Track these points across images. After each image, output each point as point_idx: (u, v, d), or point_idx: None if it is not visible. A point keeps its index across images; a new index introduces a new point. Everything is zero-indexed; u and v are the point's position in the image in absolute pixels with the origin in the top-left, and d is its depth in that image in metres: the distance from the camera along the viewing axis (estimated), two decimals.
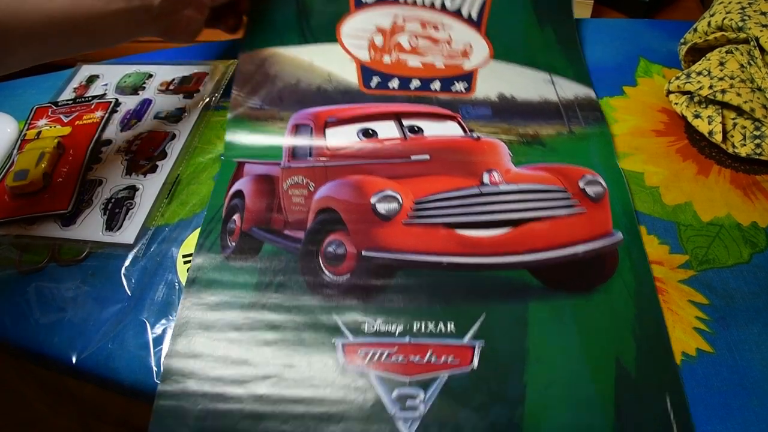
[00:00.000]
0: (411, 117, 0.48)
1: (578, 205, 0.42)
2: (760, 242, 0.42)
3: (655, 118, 0.51)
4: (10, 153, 0.51)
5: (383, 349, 0.37)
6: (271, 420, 0.34)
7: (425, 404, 0.34)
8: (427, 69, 0.51)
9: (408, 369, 0.36)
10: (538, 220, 0.41)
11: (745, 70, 0.46)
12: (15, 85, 0.59)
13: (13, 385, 0.55)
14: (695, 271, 0.40)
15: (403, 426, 0.34)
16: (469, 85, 0.50)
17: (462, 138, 0.47)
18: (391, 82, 0.50)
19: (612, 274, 0.40)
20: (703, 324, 0.38)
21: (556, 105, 0.50)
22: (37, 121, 0.53)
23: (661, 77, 0.54)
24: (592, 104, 0.50)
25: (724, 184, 0.45)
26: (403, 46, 0.50)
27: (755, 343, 0.37)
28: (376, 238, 0.41)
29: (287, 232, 0.44)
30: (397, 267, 0.40)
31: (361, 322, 0.38)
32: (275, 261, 0.42)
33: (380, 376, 0.35)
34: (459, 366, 0.36)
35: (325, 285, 0.40)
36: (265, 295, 0.40)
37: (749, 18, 0.46)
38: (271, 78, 0.51)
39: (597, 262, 0.41)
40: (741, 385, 0.35)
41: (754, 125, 0.45)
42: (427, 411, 0.34)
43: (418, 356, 0.36)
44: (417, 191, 0.42)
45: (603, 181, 0.44)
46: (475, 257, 0.40)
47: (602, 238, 0.41)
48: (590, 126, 0.49)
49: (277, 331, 0.38)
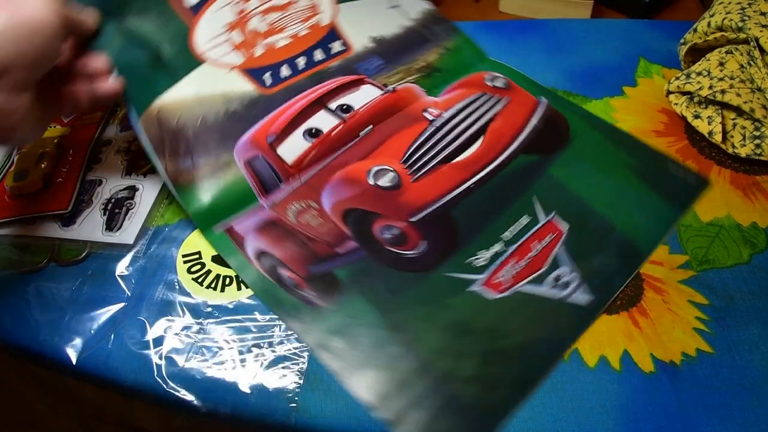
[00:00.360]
0: (332, 98, 0.47)
1: (502, 97, 0.49)
2: (760, 243, 0.42)
3: (655, 118, 0.51)
4: (9, 153, 0.51)
5: (508, 266, 0.40)
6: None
7: (573, 272, 0.40)
8: (298, 42, 0.48)
9: (536, 264, 0.40)
10: (491, 122, 0.47)
11: (745, 71, 0.46)
12: None
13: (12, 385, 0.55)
14: (695, 272, 0.40)
15: (579, 294, 0.39)
16: (344, 43, 0.50)
17: (384, 96, 0.48)
18: (281, 71, 0.47)
19: (568, 125, 0.49)
20: (702, 324, 0.38)
21: (418, 30, 0.53)
22: None
23: (660, 77, 0.54)
24: (436, 15, 0.55)
25: (723, 185, 0.45)
26: (260, 30, 0.48)
27: (755, 344, 0.37)
28: (407, 204, 0.43)
29: (338, 250, 0.42)
30: (443, 212, 0.43)
31: (471, 264, 0.40)
32: (360, 277, 0.40)
33: (527, 283, 0.40)
34: (559, 236, 0.42)
35: (414, 261, 0.41)
36: (385, 306, 0.39)
37: (749, 18, 0.46)
38: (179, 128, 0.44)
39: (552, 124, 0.49)
40: (741, 385, 0.35)
41: (754, 125, 0.45)
42: (579, 275, 0.40)
43: (531, 252, 0.41)
44: (392, 155, 0.45)
45: (498, 73, 0.52)
46: (485, 168, 0.45)
47: (537, 107, 0.49)
48: (452, 37, 0.55)
49: (426, 321, 0.38)
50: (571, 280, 0.39)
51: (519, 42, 0.59)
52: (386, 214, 0.42)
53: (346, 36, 0.50)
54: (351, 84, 0.49)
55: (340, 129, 0.46)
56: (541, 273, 0.40)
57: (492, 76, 0.51)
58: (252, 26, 0.47)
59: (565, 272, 0.40)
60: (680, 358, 0.36)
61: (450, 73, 0.52)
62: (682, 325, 0.38)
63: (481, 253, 0.41)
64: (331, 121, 0.46)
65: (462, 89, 0.51)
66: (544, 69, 0.56)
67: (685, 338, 0.37)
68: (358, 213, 0.43)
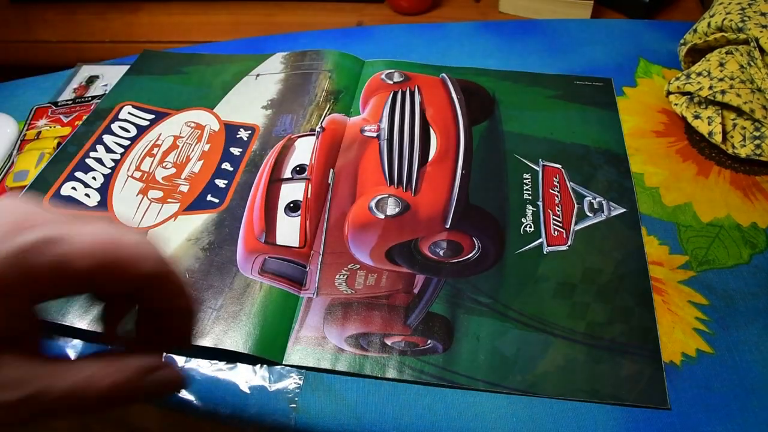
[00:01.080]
0: (280, 170, 0.47)
1: (412, 88, 0.54)
2: (760, 243, 0.42)
3: (654, 118, 0.51)
4: (10, 153, 0.51)
5: (551, 219, 0.43)
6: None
7: (595, 195, 0.45)
8: (209, 156, 0.49)
9: (567, 204, 0.44)
10: (425, 112, 0.51)
11: (745, 71, 0.46)
12: (15, 85, 0.59)
13: None
14: (695, 272, 0.40)
15: (613, 209, 0.44)
16: (246, 126, 0.51)
17: (320, 138, 0.49)
18: (218, 186, 0.46)
19: (481, 86, 0.55)
20: (702, 325, 0.38)
21: (295, 73, 0.56)
22: (37, 121, 0.53)
23: (660, 78, 0.54)
24: (296, 54, 0.58)
25: (723, 185, 0.45)
26: (171, 173, 0.47)
27: (755, 344, 0.37)
28: (430, 216, 0.44)
29: (415, 290, 0.40)
30: (465, 205, 0.44)
31: (525, 233, 0.43)
32: (456, 299, 0.39)
33: (575, 222, 0.43)
34: (561, 173, 0.47)
35: (483, 258, 0.42)
36: (499, 309, 0.39)
37: (749, 19, 0.46)
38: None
39: (470, 91, 0.54)
40: (741, 386, 0.35)
41: (753, 126, 0.45)
42: (600, 195, 0.45)
43: (555, 198, 0.45)
44: (375, 183, 0.46)
45: (388, 68, 0.57)
46: (458, 151, 0.48)
47: (446, 82, 0.54)
48: (324, 58, 0.57)
49: (537, 299, 0.39)
50: (599, 202, 0.44)
51: (519, 42, 0.59)
52: (422, 234, 0.42)
53: (243, 120, 0.51)
54: (284, 148, 0.48)
55: (311, 188, 0.46)
56: (578, 209, 0.44)
57: (386, 74, 0.55)
58: (161, 175, 0.47)
59: (590, 198, 0.44)
60: (680, 359, 0.36)
61: (350, 89, 0.54)
62: (682, 325, 0.38)
63: (523, 221, 0.43)
64: (298, 187, 0.46)
65: (374, 97, 0.53)
66: (544, 69, 0.56)
67: (685, 338, 0.37)
68: (397, 248, 0.42)
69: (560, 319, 0.38)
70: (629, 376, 0.35)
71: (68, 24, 1.10)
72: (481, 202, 0.44)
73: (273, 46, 0.60)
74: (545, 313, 0.39)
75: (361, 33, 0.62)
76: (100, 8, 1.11)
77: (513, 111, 0.52)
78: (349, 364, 0.37)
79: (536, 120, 0.51)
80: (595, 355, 0.36)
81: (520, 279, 0.40)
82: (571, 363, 0.36)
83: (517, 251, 0.42)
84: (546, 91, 0.53)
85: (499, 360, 0.36)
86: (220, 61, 0.58)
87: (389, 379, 0.36)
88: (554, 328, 0.38)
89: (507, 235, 0.43)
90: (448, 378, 0.36)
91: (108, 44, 1.08)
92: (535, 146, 0.48)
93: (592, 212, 0.44)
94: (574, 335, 0.37)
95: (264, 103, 0.53)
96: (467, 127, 0.50)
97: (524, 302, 0.39)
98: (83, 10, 1.12)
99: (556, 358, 0.36)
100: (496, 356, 0.37)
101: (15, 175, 0.47)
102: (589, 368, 0.36)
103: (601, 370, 0.36)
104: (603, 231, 0.43)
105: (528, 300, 0.39)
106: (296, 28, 0.88)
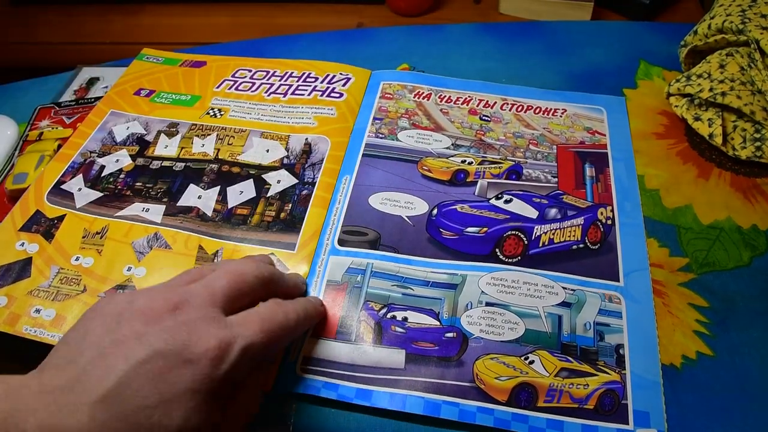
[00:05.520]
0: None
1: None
2: (761, 245, 0.42)
3: (655, 120, 0.51)
4: (10, 155, 0.51)
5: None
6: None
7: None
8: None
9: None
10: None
11: (746, 73, 0.46)
12: (16, 87, 0.59)
13: None
14: (695, 274, 0.40)
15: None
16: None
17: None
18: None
19: None
20: (703, 327, 0.38)
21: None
22: (39, 122, 0.53)
23: (661, 79, 0.54)
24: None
25: (724, 187, 0.45)
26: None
27: (755, 347, 0.37)
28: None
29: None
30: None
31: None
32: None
33: None
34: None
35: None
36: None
37: (749, 20, 0.46)
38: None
39: None
40: (741, 388, 0.35)
41: (754, 128, 0.45)
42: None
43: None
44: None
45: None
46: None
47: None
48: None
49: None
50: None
51: (519, 44, 0.59)
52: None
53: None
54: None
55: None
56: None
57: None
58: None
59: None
60: (680, 361, 0.36)
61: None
62: (682, 327, 0.38)
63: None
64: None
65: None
66: (544, 71, 0.56)
67: (685, 341, 0.37)
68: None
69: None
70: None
71: (69, 25, 1.10)
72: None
73: (273, 47, 0.60)
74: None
75: (360, 35, 0.62)
76: (101, 10, 1.11)
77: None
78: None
79: None
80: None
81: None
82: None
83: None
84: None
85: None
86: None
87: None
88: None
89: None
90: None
91: (108, 46, 1.08)
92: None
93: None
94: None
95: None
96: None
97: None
98: (84, 12, 1.12)
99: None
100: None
101: (15, 178, 0.47)
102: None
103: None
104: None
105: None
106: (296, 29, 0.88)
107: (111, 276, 0.40)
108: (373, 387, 0.35)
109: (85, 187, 0.46)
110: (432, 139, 0.49)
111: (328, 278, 0.40)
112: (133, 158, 0.48)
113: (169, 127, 0.50)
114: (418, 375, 0.36)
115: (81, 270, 0.41)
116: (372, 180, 0.46)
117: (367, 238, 0.42)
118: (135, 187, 0.46)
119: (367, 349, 0.37)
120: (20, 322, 0.38)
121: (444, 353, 0.37)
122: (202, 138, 0.49)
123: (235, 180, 0.46)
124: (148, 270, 0.41)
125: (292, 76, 0.55)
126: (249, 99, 0.53)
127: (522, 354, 0.36)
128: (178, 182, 0.46)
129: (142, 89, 0.54)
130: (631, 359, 0.36)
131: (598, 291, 0.39)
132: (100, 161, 0.48)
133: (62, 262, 0.41)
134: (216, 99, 0.53)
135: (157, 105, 0.52)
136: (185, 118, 0.51)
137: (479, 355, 0.36)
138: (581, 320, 0.38)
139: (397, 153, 0.48)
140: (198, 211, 0.44)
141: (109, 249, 0.42)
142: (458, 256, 0.41)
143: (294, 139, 0.49)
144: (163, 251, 0.42)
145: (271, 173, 0.47)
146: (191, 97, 0.53)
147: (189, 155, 0.48)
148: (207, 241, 0.42)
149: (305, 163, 0.47)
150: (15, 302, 0.39)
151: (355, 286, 0.40)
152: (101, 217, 0.44)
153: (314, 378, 0.36)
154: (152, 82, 0.55)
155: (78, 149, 0.49)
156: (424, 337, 0.37)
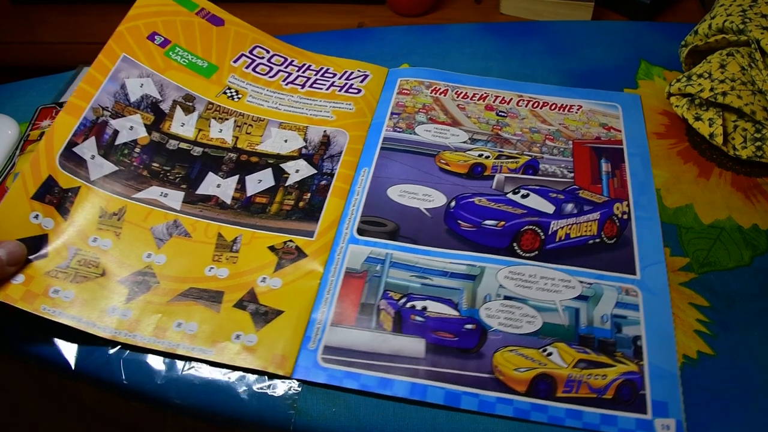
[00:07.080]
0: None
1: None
2: (761, 245, 0.42)
3: (656, 120, 0.51)
4: (11, 155, 0.51)
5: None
6: None
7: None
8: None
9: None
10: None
11: (746, 73, 0.46)
12: (17, 86, 0.59)
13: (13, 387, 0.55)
14: (696, 274, 0.40)
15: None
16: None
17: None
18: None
19: None
20: (704, 327, 0.38)
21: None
22: (41, 121, 0.53)
23: (661, 79, 0.54)
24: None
25: (725, 187, 0.45)
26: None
27: (756, 346, 0.37)
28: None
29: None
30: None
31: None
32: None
33: None
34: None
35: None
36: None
37: (750, 20, 0.46)
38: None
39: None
40: (742, 388, 0.35)
41: (755, 128, 0.45)
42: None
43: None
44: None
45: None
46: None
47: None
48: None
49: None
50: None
51: (520, 44, 0.59)
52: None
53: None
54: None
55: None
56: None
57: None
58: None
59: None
60: (681, 361, 0.36)
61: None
62: (683, 327, 0.38)
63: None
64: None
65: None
66: (545, 71, 0.56)
67: (686, 341, 0.37)
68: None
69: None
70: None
71: (70, 25, 1.10)
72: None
73: None
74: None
75: (361, 34, 0.62)
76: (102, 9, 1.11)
77: None
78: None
79: None
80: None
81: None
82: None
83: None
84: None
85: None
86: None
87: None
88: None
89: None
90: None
91: None
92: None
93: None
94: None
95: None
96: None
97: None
98: (85, 12, 1.12)
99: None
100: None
101: (15, 177, 0.47)
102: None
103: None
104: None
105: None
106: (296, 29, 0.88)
107: (129, 261, 0.40)
108: (394, 376, 0.36)
109: (98, 155, 0.44)
110: (449, 134, 0.49)
111: (348, 266, 0.41)
112: (149, 131, 0.47)
113: (185, 99, 0.49)
114: (438, 365, 0.36)
115: (99, 252, 0.40)
116: (390, 172, 0.47)
117: (386, 228, 0.43)
118: (152, 168, 0.45)
119: (387, 337, 0.38)
120: (38, 301, 0.38)
121: (463, 345, 0.37)
122: (219, 122, 0.49)
123: (254, 169, 0.46)
124: (168, 258, 0.41)
125: (310, 69, 0.54)
126: (267, 85, 0.52)
127: (540, 346, 0.37)
128: (196, 169, 0.46)
129: (156, 33, 0.50)
130: (648, 350, 0.36)
131: (615, 284, 0.39)
132: (113, 123, 0.45)
133: (80, 243, 0.40)
134: (233, 77, 0.52)
135: (172, 63, 0.50)
136: (202, 93, 0.50)
137: (498, 348, 0.37)
138: (598, 313, 0.38)
139: (415, 146, 0.49)
140: (217, 199, 0.44)
141: (128, 232, 0.41)
142: (476, 248, 0.42)
143: (312, 131, 0.49)
144: (182, 239, 0.42)
145: (290, 162, 0.47)
146: (208, 65, 0.51)
147: (207, 140, 0.48)
148: (226, 228, 0.42)
149: (324, 154, 0.48)
150: (32, 281, 0.38)
151: (375, 276, 0.41)
152: (118, 196, 0.43)
153: (336, 368, 0.36)
154: (167, 27, 0.51)
155: (89, 101, 0.45)
156: (444, 327, 0.38)
